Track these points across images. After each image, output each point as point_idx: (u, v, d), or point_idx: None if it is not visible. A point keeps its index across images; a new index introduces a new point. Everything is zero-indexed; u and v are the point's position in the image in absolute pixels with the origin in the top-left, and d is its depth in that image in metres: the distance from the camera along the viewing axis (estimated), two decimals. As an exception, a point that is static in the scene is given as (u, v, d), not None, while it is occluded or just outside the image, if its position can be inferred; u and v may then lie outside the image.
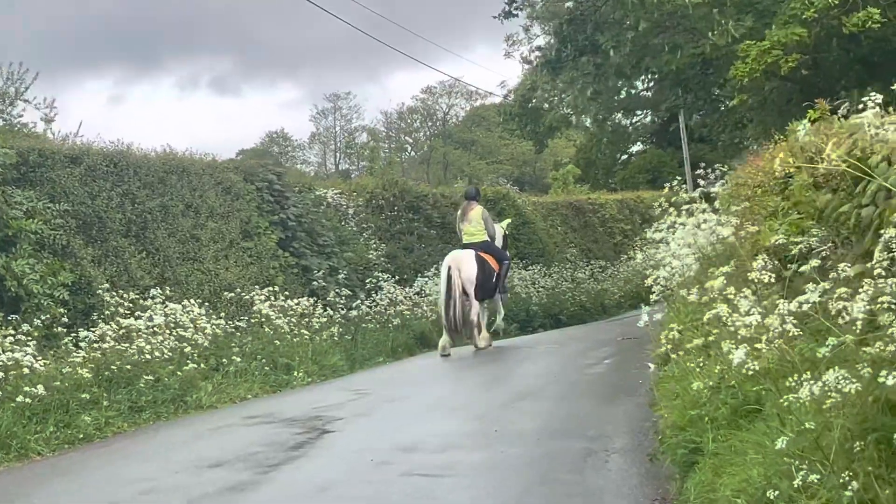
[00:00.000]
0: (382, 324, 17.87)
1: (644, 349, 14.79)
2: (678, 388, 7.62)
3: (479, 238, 16.72)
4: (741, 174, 10.54)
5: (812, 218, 6.65)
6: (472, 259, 16.13)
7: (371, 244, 21.30)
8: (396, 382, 13.53)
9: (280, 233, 17.42)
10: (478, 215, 16.89)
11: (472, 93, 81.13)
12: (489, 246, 16.85)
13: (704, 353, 7.65)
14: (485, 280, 16.27)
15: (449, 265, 16.06)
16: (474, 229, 16.78)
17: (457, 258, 16.19)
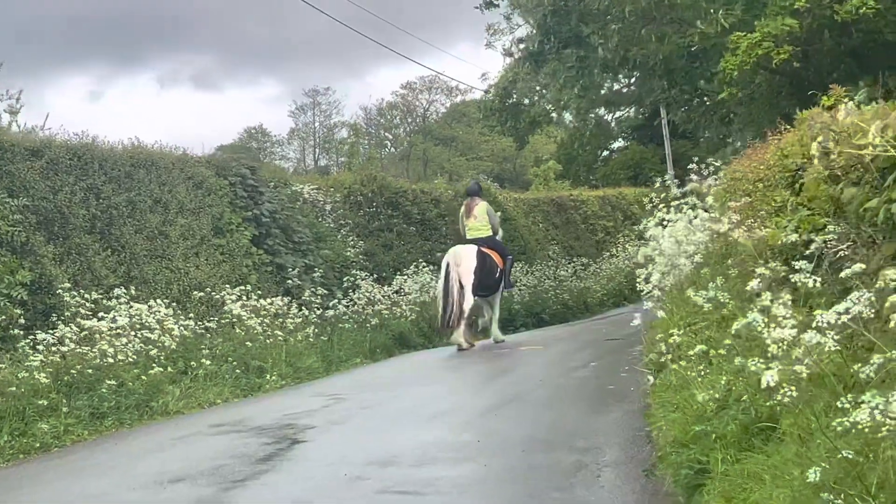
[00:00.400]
0: (360, 324, 17.21)
1: (631, 351, 14.21)
2: (678, 398, 7.00)
3: (484, 233, 16.67)
4: (738, 168, 9.94)
5: (827, 214, 6.05)
6: (473, 254, 15.99)
7: (349, 241, 20.64)
8: (373, 386, 12.88)
9: (253, 229, 16.74)
10: (483, 211, 16.82)
11: (453, 88, 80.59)
12: (493, 241, 16.80)
13: (705, 360, 7.05)
14: (486, 275, 16.16)
15: (448, 261, 16.00)
16: (480, 224, 16.72)
17: (456, 253, 16.09)
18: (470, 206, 17.03)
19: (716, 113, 20.68)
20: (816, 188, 6.06)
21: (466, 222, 16.96)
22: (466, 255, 15.99)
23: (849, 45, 16.86)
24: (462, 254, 16.04)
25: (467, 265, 15.86)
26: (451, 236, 23.86)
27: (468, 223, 16.89)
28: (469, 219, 16.88)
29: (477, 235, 16.66)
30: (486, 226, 16.72)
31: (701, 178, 12.49)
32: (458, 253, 16.10)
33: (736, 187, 9.45)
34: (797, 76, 17.96)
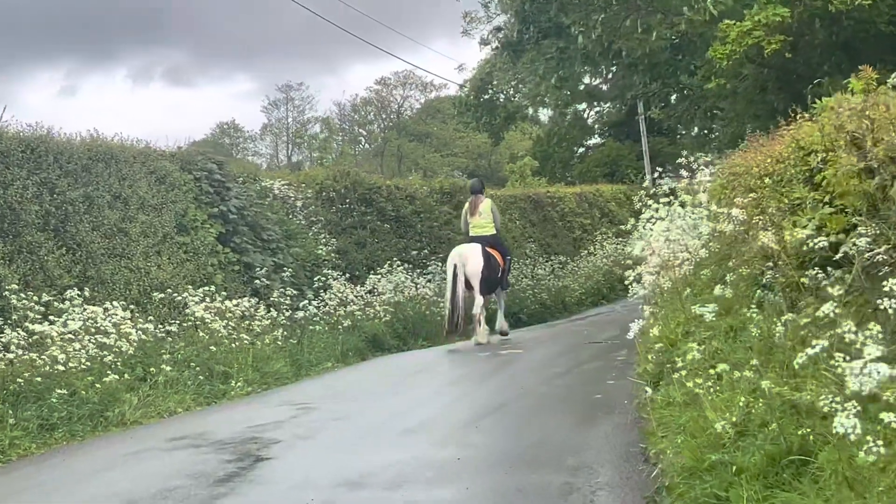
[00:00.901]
0: (331, 326, 16.38)
1: (616, 356, 13.50)
2: (684, 418, 6.24)
3: (488, 231, 16.63)
4: (738, 162, 9.21)
5: (858, 212, 5.31)
6: (479, 253, 15.91)
7: (321, 239, 19.81)
8: (345, 394, 12.07)
9: (220, 227, 15.89)
10: (487, 208, 16.78)
11: (427, 84, 79.82)
12: (496, 240, 16.80)
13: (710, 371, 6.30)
14: (490, 275, 16.09)
15: (455, 262, 15.89)
16: (485, 222, 16.67)
17: (462, 253, 15.98)
18: (475, 203, 16.89)
19: (699, 107, 19.99)
20: (846, 183, 5.32)
21: (471, 219, 16.82)
22: (473, 254, 15.86)
23: (840, 37, 16.23)
24: (468, 254, 15.90)
25: (474, 266, 15.77)
26: (426, 234, 23.14)
27: (473, 220, 16.77)
28: (474, 216, 16.75)
29: (481, 233, 16.56)
30: (491, 223, 16.65)
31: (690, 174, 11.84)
32: (464, 253, 15.95)
33: (737, 183, 8.71)
34: (785, 69, 17.33)
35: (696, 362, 6.47)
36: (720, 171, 10.71)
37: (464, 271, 15.70)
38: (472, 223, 16.80)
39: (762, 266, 7.09)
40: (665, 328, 8.07)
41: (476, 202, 16.92)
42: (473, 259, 15.80)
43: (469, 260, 15.78)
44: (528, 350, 14.82)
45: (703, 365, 6.36)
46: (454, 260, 15.92)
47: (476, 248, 16.00)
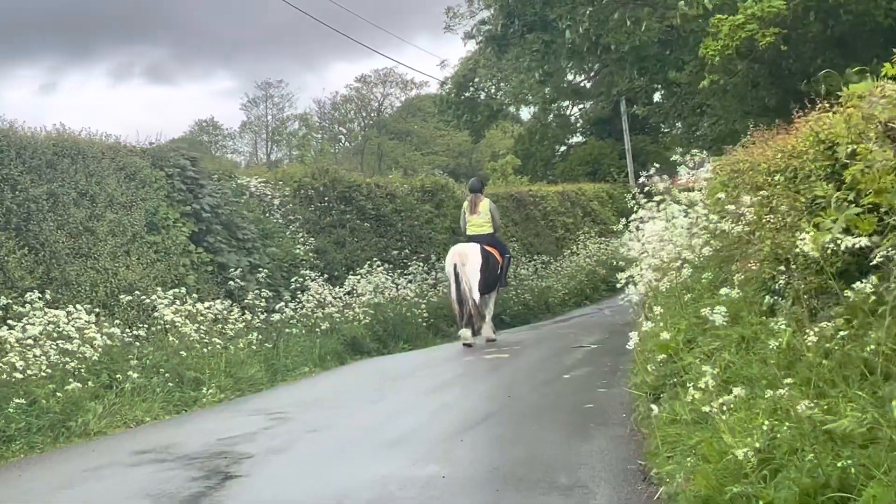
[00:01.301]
0: (309, 328, 15.73)
1: (605, 361, 12.92)
2: (694, 439, 5.63)
3: (486, 230, 16.54)
4: (742, 158, 8.63)
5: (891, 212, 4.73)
6: (478, 252, 15.84)
7: (298, 238, 19.16)
8: (322, 402, 11.43)
9: (193, 225, 15.22)
10: (486, 208, 16.69)
11: (408, 82, 79.16)
12: (494, 239, 16.75)
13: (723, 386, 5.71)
14: (489, 273, 16.04)
15: (454, 261, 15.77)
16: (483, 221, 16.58)
17: (461, 252, 15.90)
18: (474, 202, 16.78)
19: (686, 104, 19.44)
20: (881, 180, 4.74)
21: (469, 218, 16.74)
22: (472, 253, 15.81)
23: (835, 31, 15.70)
24: (467, 253, 15.85)
25: (473, 264, 15.69)
26: (407, 233, 22.52)
27: (472, 219, 16.69)
28: (473, 215, 16.66)
29: (479, 232, 16.48)
30: (489, 222, 16.57)
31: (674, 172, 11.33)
32: (463, 252, 15.88)
33: (741, 180, 8.14)
34: (777, 65, 16.80)
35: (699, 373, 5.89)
36: (718, 168, 10.14)
37: (464, 270, 15.62)
38: (471, 222, 16.71)
39: (773, 270, 6.52)
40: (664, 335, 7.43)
41: (476, 201, 16.79)
42: (472, 258, 15.74)
43: (468, 259, 15.73)
44: (514, 355, 14.22)
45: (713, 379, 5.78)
46: (453, 259, 15.84)
47: (475, 247, 15.95)
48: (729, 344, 6.29)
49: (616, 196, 40.37)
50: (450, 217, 24.65)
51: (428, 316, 18.66)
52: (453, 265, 15.76)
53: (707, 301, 7.80)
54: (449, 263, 16.01)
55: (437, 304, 19.64)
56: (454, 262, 15.78)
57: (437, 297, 20.03)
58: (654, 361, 7.54)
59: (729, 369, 5.80)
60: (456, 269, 15.67)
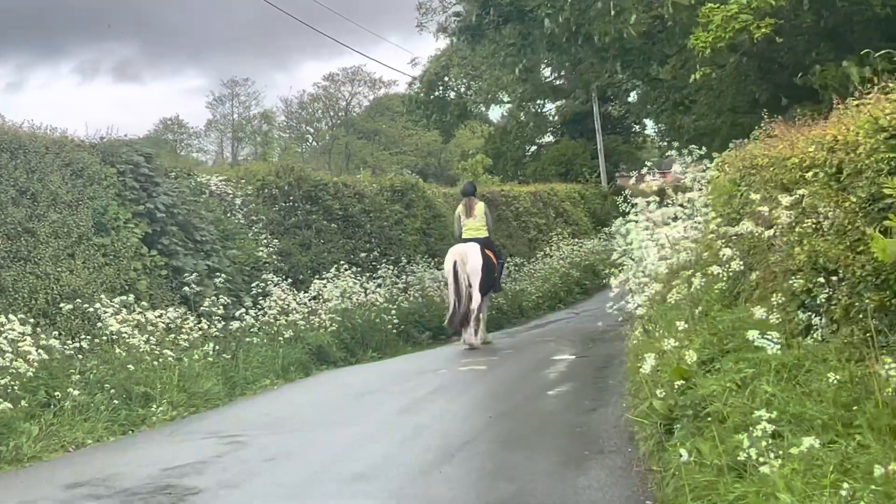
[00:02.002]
0: (271, 337, 14.56)
1: (591, 374, 11.92)
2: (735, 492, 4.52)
3: (482, 234, 16.39)
4: (758, 153, 7.59)
5: None
6: (478, 252, 15.77)
7: (261, 239, 18.01)
8: (283, 423, 10.28)
9: (146, 226, 14.03)
10: (481, 211, 16.60)
11: (376, 81, 77.97)
12: (489, 242, 16.65)
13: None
14: (486, 275, 15.90)
15: (454, 260, 15.71)
16: (479, 224, 16.43)
17: (461, 251, 15.83)
18: (469, 205, 16.61)
19: (668, 100, 18.46)
20: None
21: (465, 221, 16.56)
22: (472, 253, 15.71)
23: (829, 22, 14.76)
24: (468, 252, 15.74)
25: (474, 264, 15.60)
26: (376, 234, 21.43)
27: (467, 222, 16.52)
28: (469, 218, 16.49)
29: (475, 235, 16.28)
30: (484, 226, 16.41)
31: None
32: (464, 252, 15.77)
33: (760, 178, 7.11)
34: (768, 58, 15.87)
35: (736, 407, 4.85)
36: (724, 165, 9.12)
37: (464, 269, 15.52)
38: (467, 225, 16.48)
39: (810, 283, 5.49)
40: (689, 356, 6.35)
41: (470, 204, 16.63)
42: (474, 258, 15.62)
43: (469, 259, 15.61)
44: (491, 366, 13.12)
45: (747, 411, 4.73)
46: (454, 258, 15.71)
47: (475, 246, 15.81)
48: (765, 371, 5.25)
49: (588, 197, 39.49)
50: (420, 218, 23.59)
51: (398, 322, 17.54)
52: (453, 263, 15.61)
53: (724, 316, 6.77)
54: (449, 263, 15.81)
55: (407, 309, 18.55)
56: (454, 260, 15.62)
57: (407, 302, 18.94)
58: (664, 385, 6.49)
59: (771, 405, 4.76)
60: (456, 268, 15.51)
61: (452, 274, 15.62)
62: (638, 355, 8.56)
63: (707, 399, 5.44)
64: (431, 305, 19.71)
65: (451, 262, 15.76)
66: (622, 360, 12.26)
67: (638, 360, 8.66)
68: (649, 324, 8.58)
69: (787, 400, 4.70)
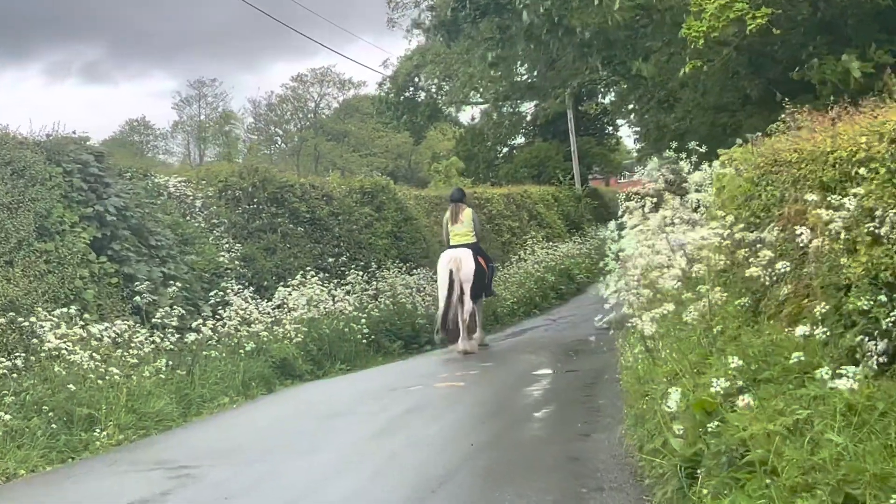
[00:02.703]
0: (231, 350, 13.46)
1: (577, 394, 10.91)
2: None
3: (470, 240, 16.10)
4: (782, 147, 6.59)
5: None
6: (471, 258, 15.57)
7: (223, 244, 16.89)
8: (240, 451, 9.15)
9: (94, 230, 12.89)
10: (468, 217, 16.28)
11: (346, 82, 76.78)
12: (479, 248, 16.40)
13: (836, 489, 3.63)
14: (478, 281, 15.69)
15: (450, 267, 15.40)
16: (466, 230, 16.14)
17: (456, 257, 15.56)
18: (456, 211, 16.30)
19: (652, 97, 17.51)
20: None
21: (452, 228, 16.28)
22: (466, 259, 15.50)
23: (826, 14, 13.84)
24: (462, 258, 15.51)
25: (467, 270, 15.40)
26: (345, 238, 20.36)
27: (454, 229, 16.23)
28: (456, 224, 16.21)
29: (463, 241, 16.00)
30: (472, 232, 16.06)
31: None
32: (458, 257, 15.52)
33: (790, 176, 6.11)
34: (760, 52, 14.95)
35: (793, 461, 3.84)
36: (735, 163, 8.13)
37: (458, 275, 15.27)
38: (454, 232, 16.18)
39: (870, 300, 4.49)
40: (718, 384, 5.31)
41: (457, 211, 16.29)
42: (467, 264, 15.41)
43: (463, 264, 15.38)
44: (470, 382, 12.04)
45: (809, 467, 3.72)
46: (449, 264, 15.42)
47: (468, 252, 15.58)
48: (823, 413, 4.24)
49: (562, 199, 38.56)
50: (391, 221, 22.52)
51: (369, 332, 16.46)
52: (449, 271, 15.28)
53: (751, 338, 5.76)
54: (444, 268, 15.49)
55: (378, 317, 17.49)
56: (450, 267, 15.31)
57: (378, 309, 17.85)
58: (682, 417, 5.47)
59: (842, 461, 3.76)
60: (452, 276, 15.20)
61: (448, 280, 15.26)
62: (640, 377, 7.55)
63: (745, 443, 4.43)
64: (403, 313, 18.65)
65: (446, 269, 15.39)
66: (612, 376, 11.28)
67: (640, 383, 7.65)
68: (652, 341, 7.56)
69: (864, 455, 3.71)
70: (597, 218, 41.05)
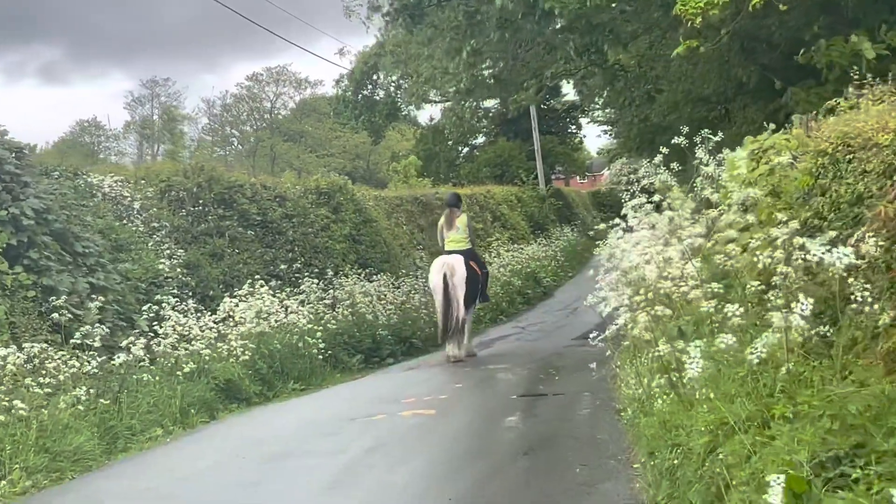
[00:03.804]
0: (168, 372, 11.72)
1: (567, 422, 9.34)
2: None
3: (464, 246, 15.77)
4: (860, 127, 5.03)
5: None
6: (463, 265, 15.18)
7: (163, 250, 15.16)
8: (171, 499, 7.48)
9: (8, 237, 11.13)
10: (464, 223, 15.95)
11: (302, 81, 74.79)
12: (473, 254, 16.08)
13: None
14: (470, 288, 15.30)
15: (444, 272, 15.05)
16: (461, 237, 15.81)
17: (449, 263, 15.19)
18: (451, 217, 15.93)
19: (633, 90, 15.98)
20: None
21: (447, 234, 15.94)
22: (459, 265, 15.15)
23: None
24: (455, 264, 15.15)
25: (461, 276, 15.05)
26: (299, 242, 18.69)
27: (449, 235, 15.89)
28: (451, 230, 15.86)
29: (458, 248, 15.67)
30: (467, 238, 15.77)
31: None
32: (451, 264, 15.15)
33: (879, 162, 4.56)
34: (753, 37, 13.48)
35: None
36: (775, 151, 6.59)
37: (452, 281, 14.93)
38: (449, 237, 15.84)
39: None
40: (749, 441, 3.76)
41: (452, 216, 15.92)
42: (460, 270, 15.05)
43: (457, 270, 15.02)
44: (441, 410, 10.31)
45: None
46: (442, 269, 15.06)
47: (461, 258, 15.23)
48: None
49: (525, 199, 37.10)
50: (349, 223, 20.86)
51: (325, 346, 14.77)
52: (443, 276, 14.94)
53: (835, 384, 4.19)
54: (437, 274, 15.19)
55: (335, 330, 15.82)
56: (444, 272, 14.97)
57: (335, 320, 16.17)
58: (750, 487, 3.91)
59: None
60: (445, 280, 14.88)
61: (442, 285, 14.90)
62: (665, 421, 5.96)
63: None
64: (363, 324, 17.00)
65: (439, 274, 15.04)
66: (604, 401, 9.73)
67: (665, 428, 6.05)
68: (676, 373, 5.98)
69: None
70: (561, 219, 39.66)
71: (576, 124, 46.59)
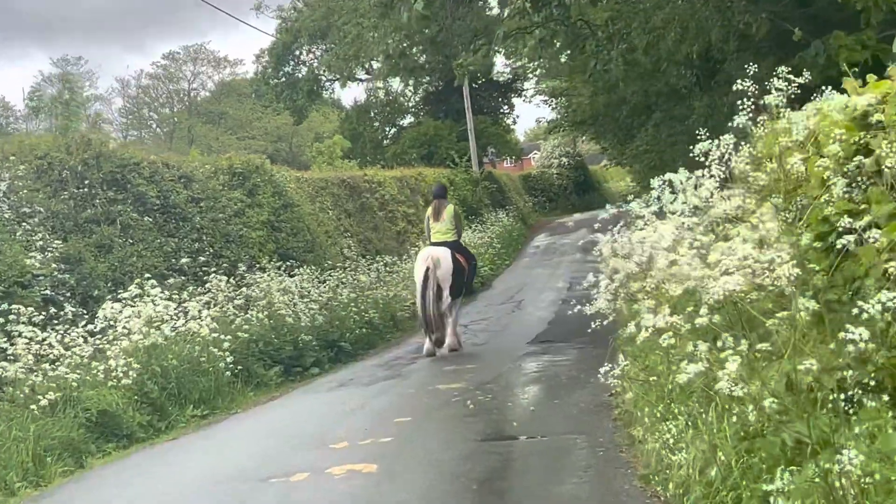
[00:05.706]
0: (20, 406, 8.71)
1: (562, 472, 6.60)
2: None
3: (451, 238, 15.12)
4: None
5: None
6: (449, 257, 14.62)
7: (35, 241, 12.10)
8: None
9: None
10: (450, 214, 15.24)
11: (221, 60, 71.01)
12: (460, 246, 15.50)
13: None
14: (457, 280, 14.69)
15: (428, 265, 14.38)
16: (447, 228, 15.14)
17: (434, 255, 14.53)
18: (438, 208, 15.27)
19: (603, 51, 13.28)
20: None
21: (433, 225, 15.27)
22: (444, 257, 14.54)
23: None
24: (440, 256, 14.50)
25: (446, 268, 14.45)
26: (208, 230, 15.72)
27: (436, 226, 15.22)
28: (437, 222, 15.20)
29: (444, 239, 14.99)
30: (453, 229, 15.15)
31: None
32: (436, 256, 14.47)
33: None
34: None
35: None
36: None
37: (435, 274, 14.22)
38: (435, 229, 15.20)
39: None
40: None
41: (439, 207, 15.27)
42: (445, 262, 14.44)
43: (442, 262, 14.39)
44: (384, 464, 7.33)
45: None
46: (426, 262, 14.38)
47: (447, 251, 14.64)
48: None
49: (458, 183, 34.38)
50: (267, 208, 17.88)
51: (234, 359, 11.85)
52: (426, 268, 14.26)
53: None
54: (420, 265, 14.52)
55: (247, 337, 12.90)
56: (427, 265, 14.29)
57: (248, 326, 13.23)
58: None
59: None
60: (427, 274, 14.18)
61: (423, 277, 14.20)
62: None
63: None
64: (282, 328, 14.11)
65: (423, 266, 14.35)
66: (609, 453, 6.99)
67: None
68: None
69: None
70: (494, 203, 37.06)
71: (508, 104, 43.97)
